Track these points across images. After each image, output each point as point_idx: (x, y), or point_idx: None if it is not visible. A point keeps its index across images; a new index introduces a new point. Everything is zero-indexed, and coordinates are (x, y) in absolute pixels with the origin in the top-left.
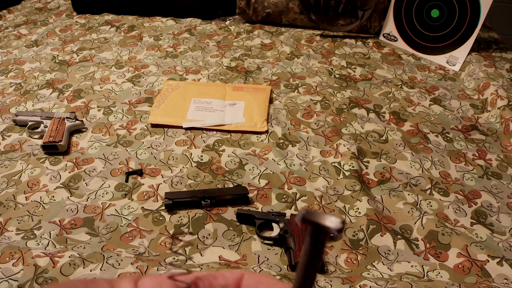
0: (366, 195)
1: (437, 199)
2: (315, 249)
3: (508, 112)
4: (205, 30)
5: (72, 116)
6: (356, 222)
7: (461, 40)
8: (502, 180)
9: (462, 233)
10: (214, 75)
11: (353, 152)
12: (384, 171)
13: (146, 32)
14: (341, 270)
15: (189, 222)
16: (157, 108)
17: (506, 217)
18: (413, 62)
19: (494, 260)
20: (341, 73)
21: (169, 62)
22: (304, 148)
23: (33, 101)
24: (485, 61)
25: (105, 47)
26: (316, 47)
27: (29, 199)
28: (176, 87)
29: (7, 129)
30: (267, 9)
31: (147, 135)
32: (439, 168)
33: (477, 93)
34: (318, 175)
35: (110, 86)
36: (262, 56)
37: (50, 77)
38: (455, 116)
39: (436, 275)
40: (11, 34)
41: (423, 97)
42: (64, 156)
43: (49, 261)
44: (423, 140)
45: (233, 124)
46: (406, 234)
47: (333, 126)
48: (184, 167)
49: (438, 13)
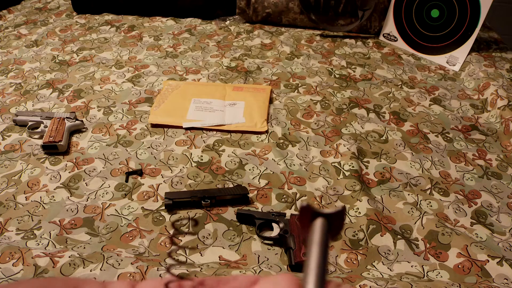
0: (366, 195)
1: (437, 199)
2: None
3: (508, 112)
4: (205, 30)
5: (72, 116)
6: (356, 222)
7: (461, 40)
8: (502, 180)
9: (462, 233)
10: (214, 75)
11: (353, 152)
12: (384, 171)
13: (146, 32)
14: (341, 270)
15: (189, 222)
16: (157, 108)
17: (506, 217)
18: (413, 62)
19: (494, 260)
20: (341, 73)
21: (169, 62)
22: (304, 148)
23: (33, 101)
24: (485, 61)
25: (105, 47)
26: (316, 47)
27: (29, 199)
28: (176, 87)
29: (7, 129)
30: (267, 9)
31: (147, 135)
32: (439, 168)
33: (477, 93)
34: (318, 175)
35: (110, 86)
36: (262, 56)
37: (50, 77)
38: (455, 116)
39: (436, 275)
40: (11, 34)
41: (423, 97)
42: (64, 156)
43: (49, 261)
44: (423, 140)
45: (233, 124)
46: (406, 234)
47: (333, 126)
48: (184, 167)
49: (438, 13)
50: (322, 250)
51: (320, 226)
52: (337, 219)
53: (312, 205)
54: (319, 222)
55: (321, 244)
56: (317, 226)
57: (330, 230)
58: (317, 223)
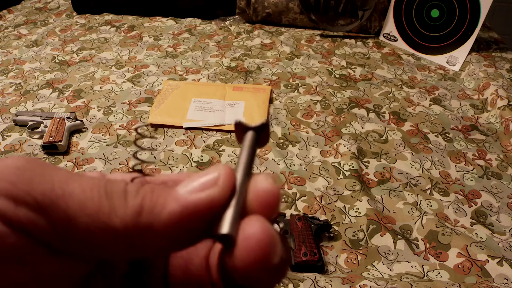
0: (366, 195)
1: (437, 199)
2: (250, 149)
3: (508, 112)
4: (205, 30)
5: (72, 116)
6: (356, 222)
7: (461, 40)
8: (502, 180)
9: (462, 233)
10: (214, 75)
11: (353, 152)
12: (384, 171)
13: (146, 32)
14: (341, 270)
15: None
16: (157, 108)
17: (506, 217)
18: (413, 62)
19: (494, 260)
20: (341, 73)
21: (169, 62)
22: (304, 148)
23: (33, 101)
24: (485, 61)
25: (105, 47)
26: (316, 47)
27: None
28: (176, 87)
29: (7, 129)
30: (267, 9)
31: (147, 135)
32: (439, 168)
33: (477, 93)
34: (318, 175)
35: (110, 86)
36: (262, 56)
37: (50, 77)
38: (455, 116)
39: (436, 275)
40: (11, 34)
41: (423, 97)
42: (64, 156)
43: None
44: (423, 140)
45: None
46: (406, 234)
47: (333, 126)
48: (184, 167)
49: (438, 13)
50: (251, 152)
51: (249, 136)
52: (263, 130)
53: (243, 121)
54: (249, 134)
55: (249, 148)
56: (247, 136)
57: (259, 139)
58: (248, 134)
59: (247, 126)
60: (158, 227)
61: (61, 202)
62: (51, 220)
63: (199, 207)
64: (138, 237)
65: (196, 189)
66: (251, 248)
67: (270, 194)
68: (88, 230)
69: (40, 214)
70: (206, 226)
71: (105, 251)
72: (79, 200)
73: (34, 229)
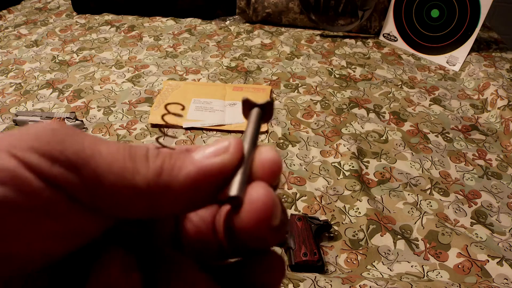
0: (366, 195)
1: (437, 199)
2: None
3: (508, 112)
4: (205, 30)
5: (72, 116)
6: (356, 222)
7: (461, 40)
8: (502, 180)
9: (462, 233)
10: (214, 75)
11: (353, 152)
12: (384, 171)
13: (146, 32)
14: (341, 270)
15: None
16: (157, 108)
17: (506, 217)
18: (413, 62)
19: (494, 260)
20: (341, 73)
21: (169, 62)
22: (304, 148)
23: (33, 101)
24: (485, 61)
25: (105, 47)
26: (316, 47)
27: None
28: (176, 87)
29: (7, 129)
30: (267, 9)
31: (147, 135)
32: (439, 168)
33: (477, 93)
34: (318, 175)
35: (110, 86)
36: (262, 56)
37: (50, 77)
38: (455, 116)
39: (436, 275)
40: (11, 34)
41: (423, 97)
42: None
43: None
44: (423, 140)
45: (233, 124)
46: (406, 234)
47: (333, 126)
48: None
49: (438, 13)
50: (256, 126)
51: (255, 112)
52: (268, 108)
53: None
54: (255, 110)
55: (255, 123)
56: (254, 112)
57: (264, 115)
58: (254, 110)
59: (253, 103)
60: (176, 187)
61: (91, 161)
62: (82, 177)
63: (213, 170)
64: (157, 195)
65: (210, 154)
66: (256, 209)
67: (273, 163)
68: (114, 187)
69: (73, 171)
70: (216, 190)
71: (128, 207)
72: (106, 160)
73: (67, 185)
